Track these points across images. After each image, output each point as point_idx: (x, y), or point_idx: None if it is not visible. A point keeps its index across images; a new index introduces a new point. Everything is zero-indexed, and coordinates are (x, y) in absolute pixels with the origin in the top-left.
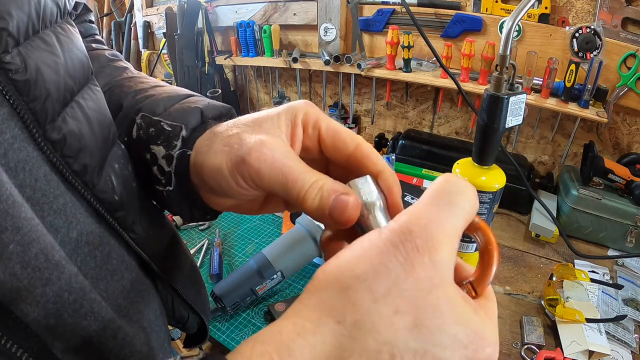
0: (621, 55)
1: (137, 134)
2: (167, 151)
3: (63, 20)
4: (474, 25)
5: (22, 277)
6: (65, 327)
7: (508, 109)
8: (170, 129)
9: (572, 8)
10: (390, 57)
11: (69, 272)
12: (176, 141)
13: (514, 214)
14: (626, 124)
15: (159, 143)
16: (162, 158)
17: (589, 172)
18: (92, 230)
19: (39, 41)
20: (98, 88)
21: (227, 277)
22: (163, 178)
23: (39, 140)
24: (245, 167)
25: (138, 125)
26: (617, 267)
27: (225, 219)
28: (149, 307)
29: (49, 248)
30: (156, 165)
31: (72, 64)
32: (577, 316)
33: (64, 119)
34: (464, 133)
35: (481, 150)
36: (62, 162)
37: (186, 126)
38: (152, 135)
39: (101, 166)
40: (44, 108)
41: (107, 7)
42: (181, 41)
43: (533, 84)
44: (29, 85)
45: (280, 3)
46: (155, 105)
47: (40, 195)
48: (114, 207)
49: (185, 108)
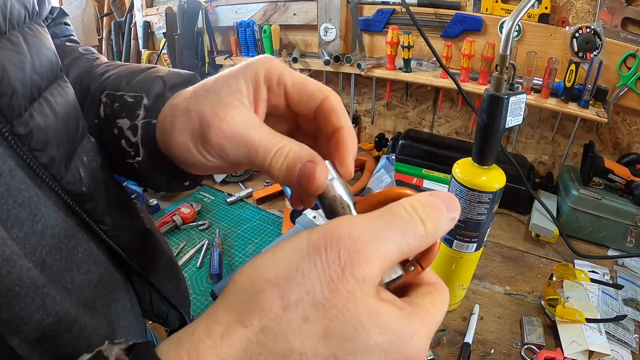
0: (621, 55)
1: (104, 112)
2: (132, 122)
3: (32, 21)
4: (474, 25)
5: None
6: (20, 321)
7: (508, 109)
8: (132, 99)
9: (572, 8)
10: (390, 57)
11: (20, 267)
12: (139, 110)
13: (514, 214)
14: (626, 124)
15: (123, 116)
16: (127, 129)
17: (589, 172)
18: (57, 223)
19: (5, 42)
20: (68, 84)
21: (227, 277)
22: (131, 150)
23: (7, 135)
24: (208, 144)
25: (104, 103)
26: (617, 267)
27: (225, 219)
28: (118, 301)
29: (0, 244)
30: (124, 138)
31: (40, 61)
32: (577, 316)
33: (30, 114)
34: (464, 133)
35: (481, 150)
36: (30, 156)
37: (148, 95)
38: (117, 109)
39: (69, 158)
40: (10, 104)
41: (107, 7)
42: (181, 41)
43: (533, 84)
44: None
45: (280, 3)
46: (118, 82)
47: (4, 189)
48: (82, 199)
49: (146, 79)
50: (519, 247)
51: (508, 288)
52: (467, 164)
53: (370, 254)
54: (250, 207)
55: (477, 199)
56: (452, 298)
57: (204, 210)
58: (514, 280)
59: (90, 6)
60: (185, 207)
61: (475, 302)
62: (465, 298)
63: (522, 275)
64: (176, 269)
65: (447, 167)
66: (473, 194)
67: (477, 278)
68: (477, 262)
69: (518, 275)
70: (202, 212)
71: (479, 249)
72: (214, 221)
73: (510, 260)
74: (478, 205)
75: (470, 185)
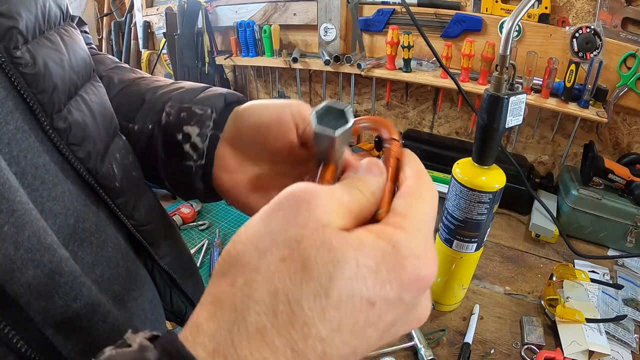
0: (621, 55)
1: (166, 119)
2: (201, 130)
3: (65, 23)
4: (474, 25)
5: (15, 258)
6: (56, 310)
7: (508, 109)
8: (202, 112)
9: (572, 8)
10: (390, 57)
11: (59, 256)
12: (209, 121)
13: (514, 214)
14: (626, 124)
15: (192, 124)
16: (196, 136)
17: (589, 172)
18: (88, 217)
19: (45, 40)
20: (100, 84)
21: None
22: (195, 154)
23: (47, 128)
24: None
25: (167, 112)
26: (617, 267)
27: (225, 219)
28: (144, 296)
29: (42, 232)
30: (189, 143)
31: (76, 61)
32: (577, 316)
33: (69, 110)
34: (464, 133)
35: (481, 150)
36: (68, 150)
37: (215, 109)
38: (184, 118)
39: (104, 154)
40: (52, 99)
41: (107, 7)
42: (181, 41)
43: (533, 84)
44: (38, 78)
45: (280, 3)
46: (181, 97)
47: (39, 182)
48: (115, 194)
49: (211, 95)
50: (519, 247)
51: (508, 288)
52: (467, 164)
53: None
54: None
55: (477, 199)
56: (452, 298)
57: (204, 210)
58: (514, 280)
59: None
60: (185, 207)
61: (475, 302)
62: (465, 298)
63: (522, 275)
64: (195, 267)
65: (447, 167)
66: (473, 194)
67: (477, 278)
68: (477, 262)
69: (518, 275)
70: (202, 212)
71: (479, 249)
72: (214, 221)
73: (510, 260)
74: (478, 205)
75: (470, 185)
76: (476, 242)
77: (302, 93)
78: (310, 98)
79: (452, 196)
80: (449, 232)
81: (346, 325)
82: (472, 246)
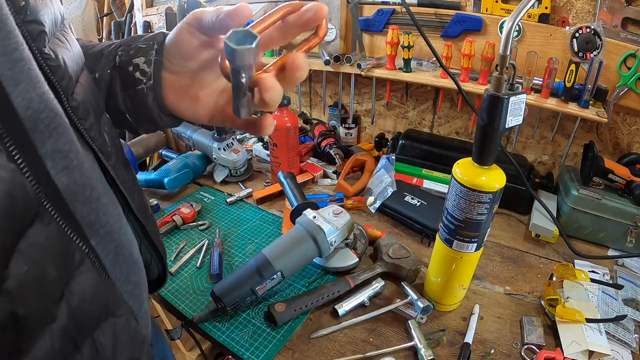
0: (621, 55)
1: (119, 60)
2: (147, 58)
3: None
4: (474, 25)
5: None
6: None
7: (508, 109)
8: (145, 45)
9: (572, 8)
10: (390, 57)
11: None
12: (152, 51)
13: (514, 214)
14: (626, 124)
15: (139, 55)
16: (143, 64)
17: (589, 172)
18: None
19: (57, 40)
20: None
21: (227, 277)
22: (144, 78)
23: (67, 106)
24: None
25: (119, 55)
26: (617, 267)
27: (225, 219)
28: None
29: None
30: (139, 71)
31: (77, 55)
32: (577, 316)
33: (76, 93)
34: (464, 133)
35: (481, 150)
36: (79, 122)
37: (156, 41)
38: (132, 54)
39: (97, 126)
40: (68, 85)
41: (107, 7)
42: None
43: (533, 84)
44: (60, 69)
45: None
46: (130, 42)
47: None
48: (108, 157)
49: (153, 34)
50: (519, 247)
51: (508, 288)
52: (467, 164)
53: None
54: (250, 207)
55: (477, 199)
56: (452, 298)
57: (204, 210)
58: (514, 280)
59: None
60: (185, 207)
61: (475, 302)
62: (465, 298)
63: (522, 275)
64: (155, 220)
65: (447, 167)
66: (473, 194)
67: (477, 278)
68: (477, 262)
69: (518, 275)
70: (202, 212)
71: (479, 249)
72: (214, 221)
73: (510, 260)
74: (478, 205)
75: (470, 185)
76: (476, 242)
77: (302, 93)
78: (310, 98)
79: (452, 196)
80: (449, 232)
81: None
82: (472, 246)
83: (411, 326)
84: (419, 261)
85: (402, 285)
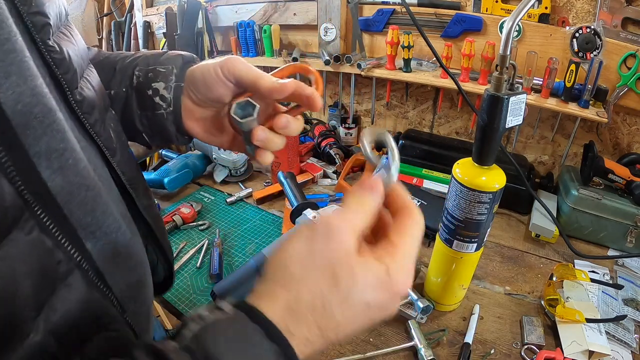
0: (621, 55)
1: (137, 80)
2: (167, 84)
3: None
4: (474, 25)
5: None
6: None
7: (508, 109)
8: (165, 70)
9: (572, 8)
10: (390, 57)
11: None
12: (171, 76)
13: (514, 214)
14: (626, 124)
15: (159, 80)
16: (163, 89)
17: (589, 172)
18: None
19: (61, 34)
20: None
21: (227, 277)
22: (164, 103)
23: (71, 100)
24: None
25: (137, 75)
26: (617, 267)
27: (225, 219)
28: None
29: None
30: (158, 96)
31: (81, 50)
32: (577, 316)
33: (81, 87)
34: (464, 133)
35: (481, 150)
36: (84, 117)
37: (175, 66)
38: (151, 77)
39: (103, 122)
40: (73, 79)
41: (107, 7)
42: (181, 41)
43: (533, 84)
44: (64, 62)
45: (280, 3)
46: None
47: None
48: (113, 153)
49: (171, 56)
50: (519, 247)
51: (508, 288)
52: (467, 164)
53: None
54: (250, 207)
55: (477, 199)
56: (452, 298)
57: (204, 210)
58: (514, 280)
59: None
60: (185, 207)
61: (475, 302)
62: (465, 298)
63: (522, 275)
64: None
65: (447, 167)
66: (473, 194)
67: (477, 278)
68: (477, 262)
69: (518, 275)
70: (202, 212)
71: (479, 249)
72: (214, 221)
73: (510, 260)
74: (478, 205)
75: (470, 185)
76: (476, 242)
77: None
78: None
79: (452, 196)
80: (449, 232)
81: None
82: (472, 246)
83: (411, 326)
84: (419, 261)
85: None
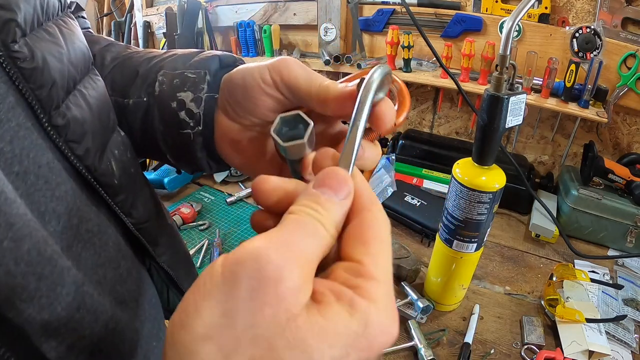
0: (621, 55)
1: (159, 88)
2: (195, 94)
3: (64, 13)
4: (474, 25)
5: (16, 273)
6: (60, 322)
7: (508, 109)
8: (195, 75)
9: (572, 8)
10: (390, 57)
11: (61, 266)
12: (203, 84)
13: (514, 214)
14: (626, 124)
15: (186, 89)
16: (190, 102)
17: (589, 172)
18: (91, 218)
19: (43, 32)
20: (98, 77)
21: None
22: (192, 120)
23: (46, 125)
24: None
25: (160, 81)
26: (617, 267)
27: (225, 219)
28: (144, 295)
29: (42, 242)
30: (184, 110)
31: (75, 54)
32: (577, 316)
33: (67, 106)
34: (464, 133)
35: (481, 150)
36: (67, 147)
37: (209, 71)
38: (177, 84)
39: (102, 151)
40: (50, 95)
41: (107, 7)
42: (181, 41)
43: (533, 84)
44: (36, 73)
45: (280, 3)
46: (174, 63)
47: (43, 182)
48: (114, 191)
49: (204, 58)
50: (519, 247)
51: (508, 288)
52: (467, 164)
53: (280, 273)
54: (250, 207)
55: (477, 199)
56: (452, 298)
57: (204, 211)
58: (514, 280)
59: (90, 6)
60: (185, 207)
61: (475, 302)
62: (465, 298)
63: (522, 275)
64: (192, 263)
65: (447, 167)
66: (473, 194)
67: (477, 278)
68: (477, 262)
69: (518, 275)
70: (202, 212)
71: (479, 249)
72: (214, 221)
73: (510, 260)
74: (478, 205)
75: (470, 185)
76: (476, 242)
77: None
78: None
79: (452, 196)
80: (449, 232)
81: None
82: (472, 246)
83: (411, 326)
84: (419, 261)
85: (402, 285)
